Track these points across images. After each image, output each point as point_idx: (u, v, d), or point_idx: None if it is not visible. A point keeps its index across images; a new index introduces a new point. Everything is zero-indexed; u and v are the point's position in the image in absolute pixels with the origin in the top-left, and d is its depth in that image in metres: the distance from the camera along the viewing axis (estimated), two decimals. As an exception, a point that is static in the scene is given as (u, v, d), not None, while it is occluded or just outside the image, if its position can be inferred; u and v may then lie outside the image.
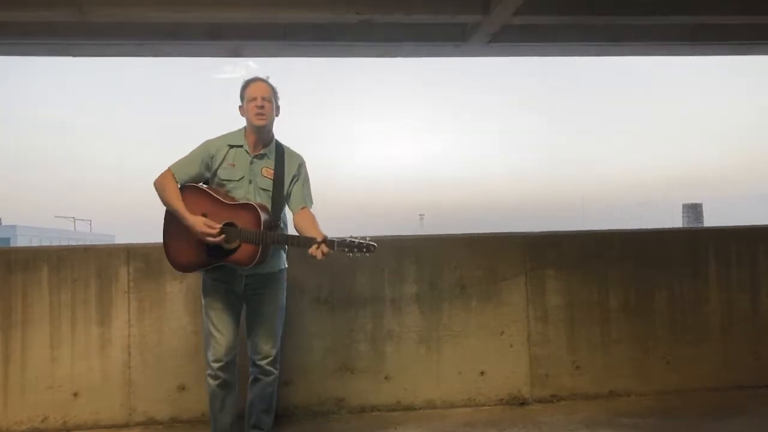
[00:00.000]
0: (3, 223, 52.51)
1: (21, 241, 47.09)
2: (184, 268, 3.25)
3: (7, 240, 46.30)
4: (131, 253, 3.97)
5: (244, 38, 4.78)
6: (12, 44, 4.82)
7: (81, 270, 3.92)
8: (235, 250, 3.06)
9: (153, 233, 3.38)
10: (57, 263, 3.91)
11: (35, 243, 46.73)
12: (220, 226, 3.04)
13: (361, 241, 2.98)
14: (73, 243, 47.60)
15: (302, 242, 3.03)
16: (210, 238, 3.02)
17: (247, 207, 3.07)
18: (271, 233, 3.03)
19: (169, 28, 4.69)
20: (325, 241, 2.96)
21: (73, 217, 65.33)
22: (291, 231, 3.30)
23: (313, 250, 2.96)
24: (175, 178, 3.16)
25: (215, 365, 3.15)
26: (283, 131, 3.35)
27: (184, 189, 3.17)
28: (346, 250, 2.97)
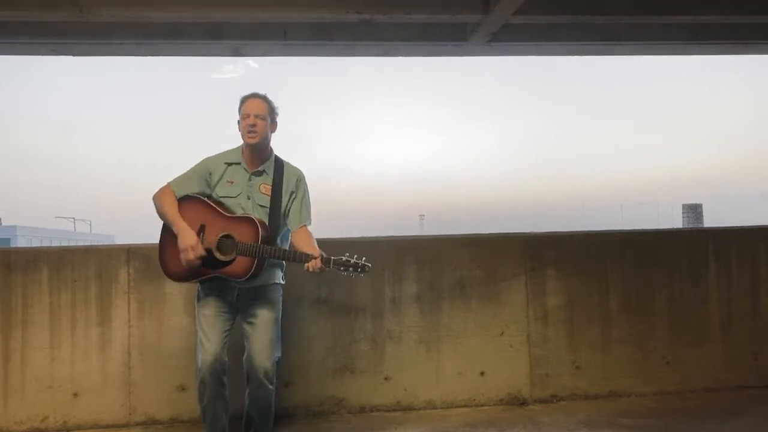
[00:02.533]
0: (3, 223, 52.54)
1: (21, 242, 47.12)
2: (179, 277, 3.22)
3: (7, 240, 46.33)
4: (131, 253, 3.97)
5: (244, 38, 4.78)
6: (12, 44, 4.83)
7: (81, 270, 3.92)
8: (230, 262, 3.07)
9: (153, 234, 3.39)
10: (57, 264, 3.91)
11: (35, 243, 46.76)
12: (204, 254, 3.04)
13: (357, 261, 3.01)
14: (73, 243, 47.63)
15: (299, 257, 3.05)
16: (189, 255, 3.01)
17: (247, 220, 3.09)
18: (268, 247, 3.04)
19: (169, 28, 4.69)
20: (321, 258, 3.00)
21: (73, 218, 65.39)
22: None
23: (308, 265, 2.99)
24: (174, 193, 3.19)
25: (203, 372, 3.11)
26: (283, 131, 3.36)
27: (185, 199, 3.18)
28: (342, 268, 3.01)
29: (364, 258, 3.03)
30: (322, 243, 3.19)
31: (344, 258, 3.01)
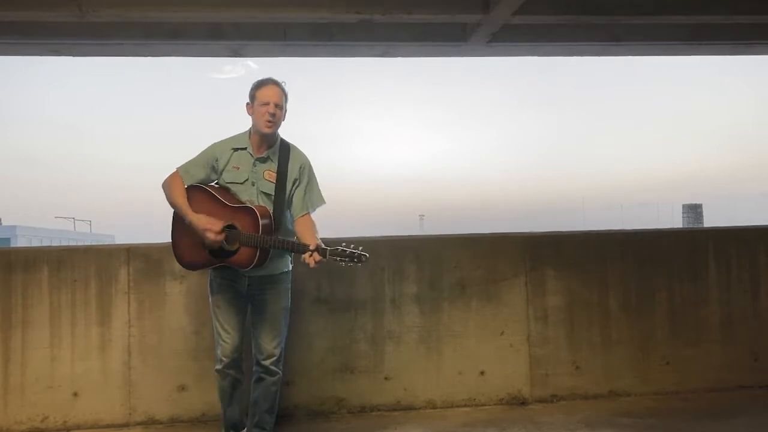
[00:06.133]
0: (3, 223, 52.50)
1: (21, 241, 47.07)
2: (189, 266, 3.33)
3: (7, 240, 46.28)
4: (131, 253, 3.97)
5: (244, 38, 4.78)
6: (12, 44, 4.82)
7: (81, 270, 3.92)
8: (235, 251, 3.10)
9: (153, 233, 3.43)
10: (57, 263, 3.91)
11: (35, 243, 46.72)
12: (223, 223, 3.09)
13: (353, 251, 3.00)
14: (73, 243, 47.60)
15: (296, 248, 3.08)
16: (210, 235, 3.05)
17: (247, 210, 3.11)
18: (267, 237, 3.05)
19: (169, 28, 4.69)
20: (318, 249, 2.99)
21: (73, 218, 65.31)
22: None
23: (306, 257, 2.99)
24: (182, 179, 3.23)
25: (222, 362, 3.22)
26: (283, 131, 3.36)
27: (188, 189, 3.22)
28: (338, 259, 3.00)
29: (360, 248, 3.02)
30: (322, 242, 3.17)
31: (340, 248, 3.00)
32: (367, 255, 3.02)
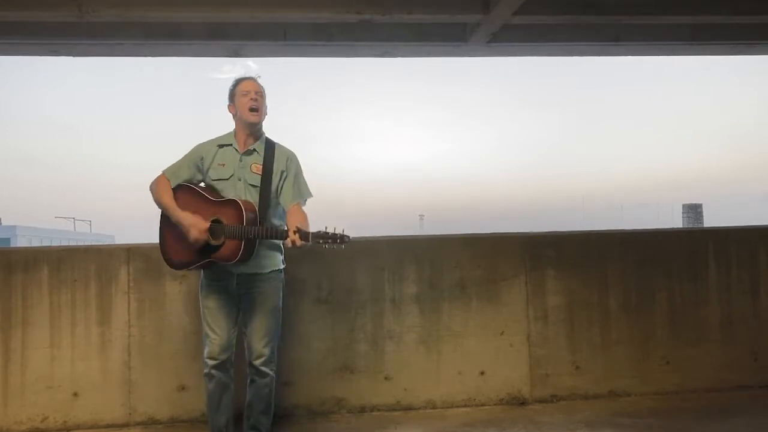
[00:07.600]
0: (3, 223, 52.49)
1: (21, 242, 47.07)
2: (177, 265, 3.30)
3: (7, 240, 46.29)
4: (131, 253, 3.97)
5: (244, 38, 4.78)
6: (12, 44, 4.82)
7: (81, 270, 3.93)
8: (220, 246, 3.09)
9: (153, 233, 3.41)
10: (57, 263, 3.91)
11: (35, 243, 46.69)
12: (208, 225, 3.09)
13: (336, 232, 2.98)
14: (73, 243, 47.60)
15: (279, 234, 3.05)
16: (194, 232, 3.06)
17: (231, 203, 3.12)
18: (249, 227, 3.04)
19: (169, 28, 4.69)
20: (299, 231, 2.96)
21: (73, 218, 65.30)
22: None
23: (287, 241, 2.98)
24: (169, 181, 3.26)
25: (209, 363, 3.20)
26: (283, 131, 3.36)
27: (175, 189, 3.25)
28: (321, 241, 2.97)
29: (343, 228, 2.99)
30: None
31: (323, 231, 2.98)
32: (350, 236, 2.99)
